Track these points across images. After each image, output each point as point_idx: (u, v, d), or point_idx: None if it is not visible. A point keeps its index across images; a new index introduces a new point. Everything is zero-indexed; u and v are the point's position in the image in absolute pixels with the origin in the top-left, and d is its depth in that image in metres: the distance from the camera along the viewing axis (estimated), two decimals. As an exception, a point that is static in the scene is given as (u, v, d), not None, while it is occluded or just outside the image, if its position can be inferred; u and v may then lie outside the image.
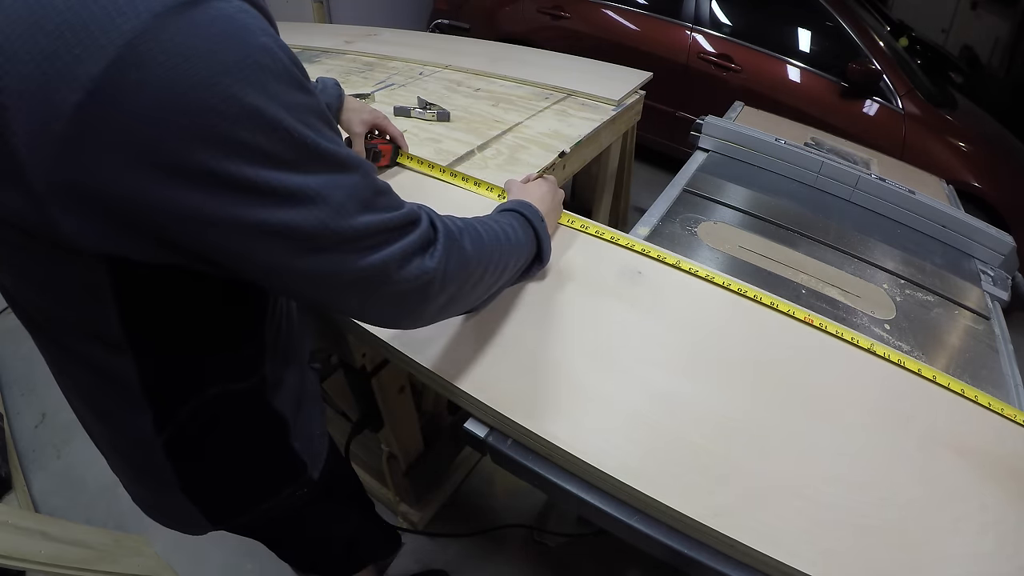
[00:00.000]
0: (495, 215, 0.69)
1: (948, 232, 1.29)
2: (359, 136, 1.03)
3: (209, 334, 0.53)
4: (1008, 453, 0.67)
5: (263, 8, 0.39)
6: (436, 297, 0.50)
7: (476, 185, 1.04)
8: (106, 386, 0.52)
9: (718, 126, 1.49)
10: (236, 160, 0.35)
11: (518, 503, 1.51)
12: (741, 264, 1.05)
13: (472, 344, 0.75)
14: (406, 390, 1.14)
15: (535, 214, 0.73)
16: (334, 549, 0.94)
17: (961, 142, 2.21)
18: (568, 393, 0.69)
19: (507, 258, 0.64)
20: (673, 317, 0.81)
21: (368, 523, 1.02)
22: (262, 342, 0.59)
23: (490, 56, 1.80)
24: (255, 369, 0.59)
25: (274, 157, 0.36)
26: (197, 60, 0.32)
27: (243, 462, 0.63)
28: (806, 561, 0.54)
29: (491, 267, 0.60)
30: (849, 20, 2.39)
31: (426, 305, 0.50)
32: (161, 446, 0.56)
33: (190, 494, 0.60)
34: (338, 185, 0.40)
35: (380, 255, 0.43)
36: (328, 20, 3.51)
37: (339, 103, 1.00)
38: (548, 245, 0.76)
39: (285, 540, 0.84)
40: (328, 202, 0.39)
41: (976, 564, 0.55)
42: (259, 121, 0.35)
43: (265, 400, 0.61)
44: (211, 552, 1.40)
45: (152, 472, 0.58)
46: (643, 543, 0.61)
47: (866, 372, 0.76)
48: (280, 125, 0.36)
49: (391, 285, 0.45)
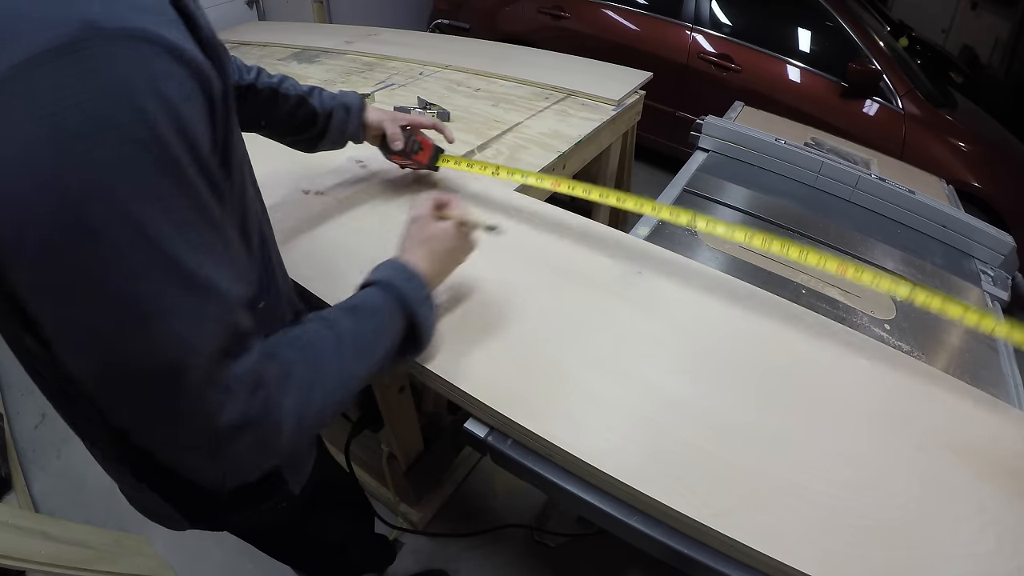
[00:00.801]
0: (359, 302, 0.57)
1: (948, 232, 1.29)
2: (399, 119, 0.96)
3: None
4: (1007, 453, 0.67)
5: (173, 43, 0.34)
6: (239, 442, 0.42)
7: (510, 174, 0.98)
8: (68, 406, 0.53)
9: (718, 126, 1.49)
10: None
11: (518, 503, 1.51)
12: (741, 264, 1.05)
13: (472, 344, 0.75)
14: (406, 390, 1.14)
15: (415, 293, 0.60)
16: (324, 554, 0.93)
17: (961, 142, 2.21)
18: (568, 393, 0.69)
19: (359, 371, 0.54)
20: (673, 317, 0.81)
21: (362, 533, 1.01)
22: None
23: (490, 56, 1.80)
24: None
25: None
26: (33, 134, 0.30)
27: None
28: (806, 561, 0.54)
29: (330, 399, 0.50)
30: (849, 20, 2.39)
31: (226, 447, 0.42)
32: (128, 467, 0.56)
33: (162, 494, 0.59)
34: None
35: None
36: (328, 20, 3.51)
37: (361, 104, 0.93)
38: (429, 332, 0.63)
39: (272, 543, 0.84)
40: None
41: (976, 564, 0.55)
42: (88, 234, 0.32)
43: None
44: (211, 552, 1.40)
45: (125, 470, 0.58)
46: (643, 543, 0.61)
47: (866, 372, 0.76)
48: (110, 238, 0.33)
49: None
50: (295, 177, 1.09)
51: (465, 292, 0.83)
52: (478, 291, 0.83)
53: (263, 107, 0.85)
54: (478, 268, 0.87)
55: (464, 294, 0.83)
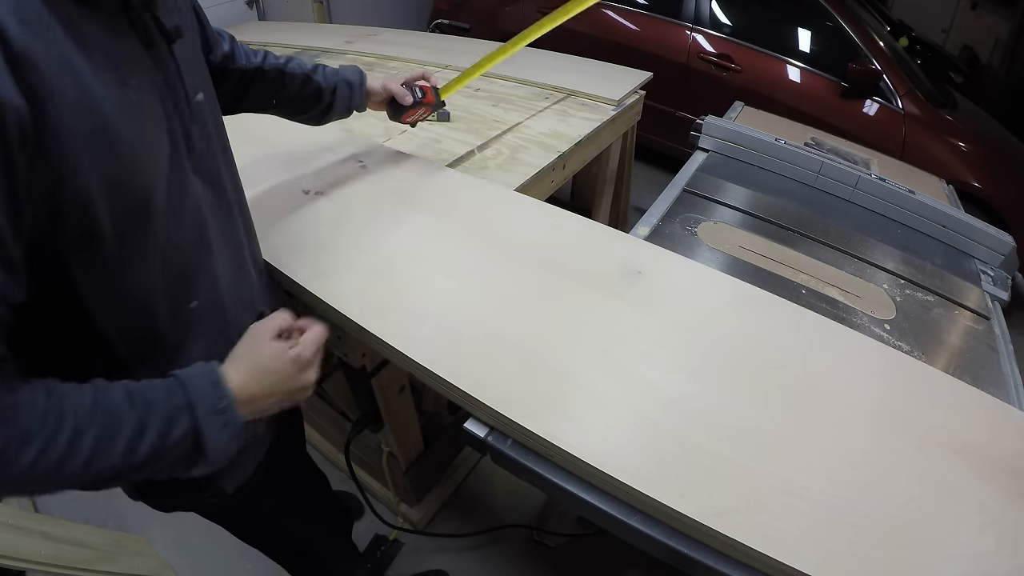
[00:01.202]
0: (144, 387, 0.50)
1: (948, 232, 1.29)
2: (394, 80, 1.01)
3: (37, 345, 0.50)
4: (1007, 453, 0.67)
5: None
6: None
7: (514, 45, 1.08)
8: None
9: (718, 126, 1.49)
10: None
11: (518, 503, 1.51)
12: (741, 264, 1.05)
13: (472, 344, 0.75)
14: (406, 390, 1.14)
15: (209, 403, 0.52)
16: (284, 552, 0.95)
17: (961, 142, 2.21)
18: (568, 393, 0.69)
19: (101, 455, 0.46)
20: (673, 317, 0.81)
21: (331, 541, 1.02)
22: (109, 351, 0.54)
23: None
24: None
25: None
26: None
27: None
28: (806, 561, 0.54)
29: (46, 467, 0.44)
30: (849, 20, 2.39)
31: None
32: None
33: None
34: None
35: None
36: (328, 20, 3.51)
37: (361, 78, 0.99)
38: (216, 448, 0.52)
39: (232, 528, 0.85)
40: None
41: (976, 564, 0.55)
42: None
43: None
44: (211, 552, 1.40)
45: None
46: (643, 543, 0.61)
47: (867, 372, 0.76)
48: None
49: None
50: (295, 177, 1.09)
51: (464, 292, 0.83)
52: (477, 291, 0.83)
53: (271, 88, 0.90)
54: (478, 267, 0.87)
55: (463, 294, 0.83)
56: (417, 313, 0.80)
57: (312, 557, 0.99)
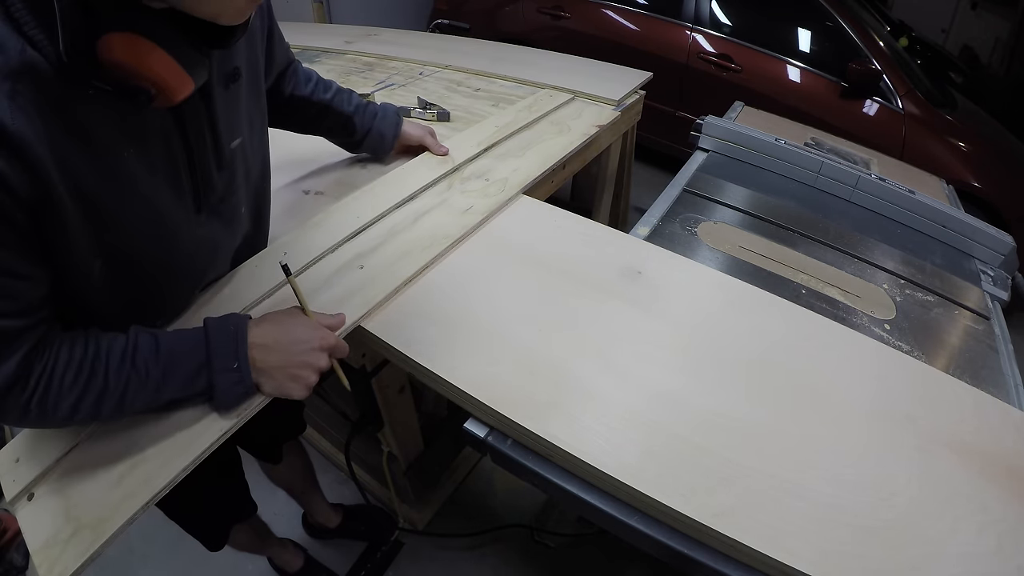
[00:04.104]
0: (171, 334, 0.60)
1: (948, 232, 1.29)
2: (431, 136, 1.13)
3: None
4: (1007, 453, 0.67)
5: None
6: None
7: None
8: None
9: (718, 126, 1.48)
10: None
11: (518, 503, 1.51)
12: (741, 264, 1.05)
13: (472, 344, 0.75)
14: (406, 390, 1.14)
15: (226, 348, 0.60)
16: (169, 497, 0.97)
17: (961, 142, 2.21)
18: (568, 393, 0.69)
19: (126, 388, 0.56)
20: (673, 317, 0.81)
21: (217, 485, 1.00)
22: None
23: (490, 56, 1.79)
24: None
25: None
26: None
27: None
28: (806, 561, 0.54)
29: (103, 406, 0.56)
30: (849, 20, 2.39)
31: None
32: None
33: None
34: None
35: None
36: (328, 20, 3.51)
37: (396, 130, 1.09)
38: (227, 401, 0.61)
39: None
40: None
41: (976, 564, 0.55)
42: None
43: None
44: (212, 552, 1.40)
45: None
46: (643, 543, 0.61)
47: (866, 372, 0.76)
48: None
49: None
50: (296, 178, 1.09)
51: (464, 292, 0.83)
52: (477, 291, 0.84)
53: (312, 119, 0.99)
54: (478, 268, 0.87)
55: (463, 294, 0.83)
56: (418, 314, 0.80)
57: (199, 500, 0.96)
